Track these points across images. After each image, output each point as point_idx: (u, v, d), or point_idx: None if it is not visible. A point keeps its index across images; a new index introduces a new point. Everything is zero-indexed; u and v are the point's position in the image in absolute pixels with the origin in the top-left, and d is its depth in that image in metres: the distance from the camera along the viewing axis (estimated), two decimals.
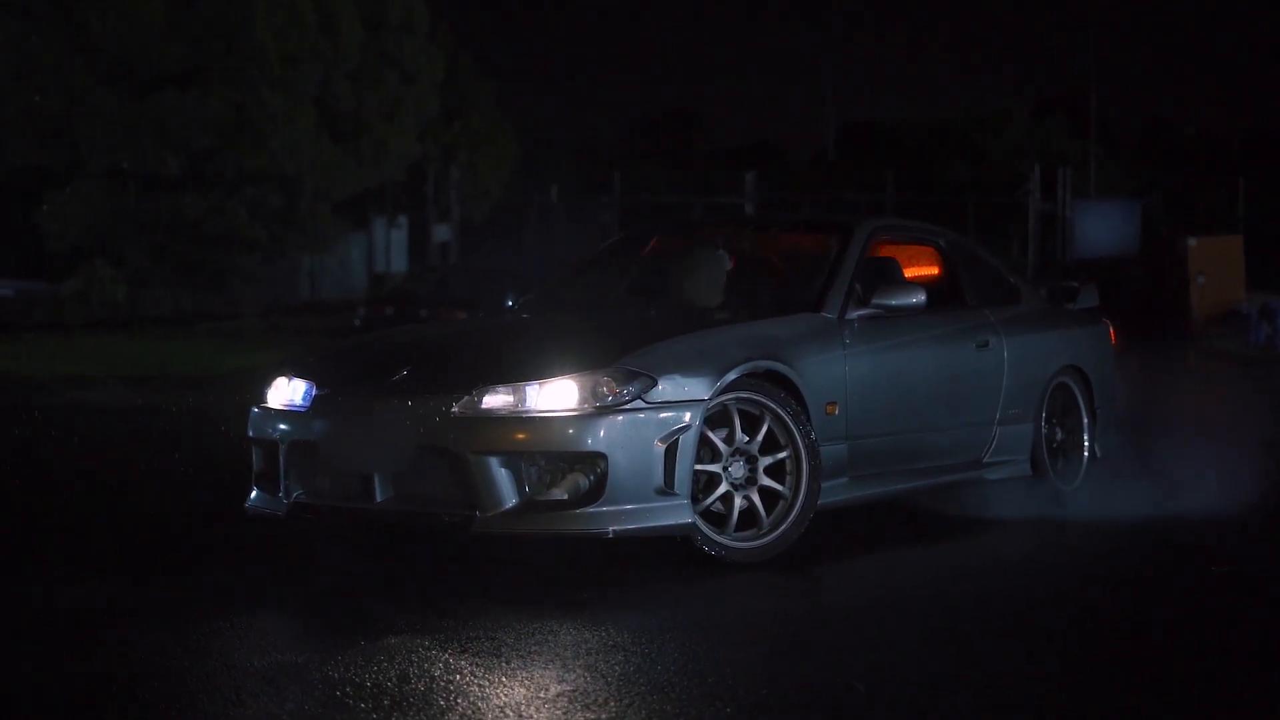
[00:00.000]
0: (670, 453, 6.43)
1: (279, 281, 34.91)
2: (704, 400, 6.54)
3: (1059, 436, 8.85)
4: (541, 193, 32.50)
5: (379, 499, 6.60)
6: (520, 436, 6.36)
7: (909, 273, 8.64)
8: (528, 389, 6.41)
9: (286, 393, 7.06)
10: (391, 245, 38.27)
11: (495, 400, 6.43)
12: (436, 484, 6.48)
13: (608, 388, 6.39)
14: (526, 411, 6.38)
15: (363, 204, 36.44)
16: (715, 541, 6.64)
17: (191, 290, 33.62)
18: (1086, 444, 9.02)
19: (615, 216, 32.21)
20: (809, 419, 6.97)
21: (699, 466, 6.62)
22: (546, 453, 6.35)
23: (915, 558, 7.54)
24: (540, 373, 6.45)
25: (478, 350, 7.01)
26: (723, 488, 6.69)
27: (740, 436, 6.77)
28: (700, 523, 6.59)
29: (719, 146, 39.95)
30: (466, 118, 37.14)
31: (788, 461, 6.87)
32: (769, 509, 6.83)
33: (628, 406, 6.38)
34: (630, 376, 6.43)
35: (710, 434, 6.66)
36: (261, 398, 7.18)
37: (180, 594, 6.34)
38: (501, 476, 6.35)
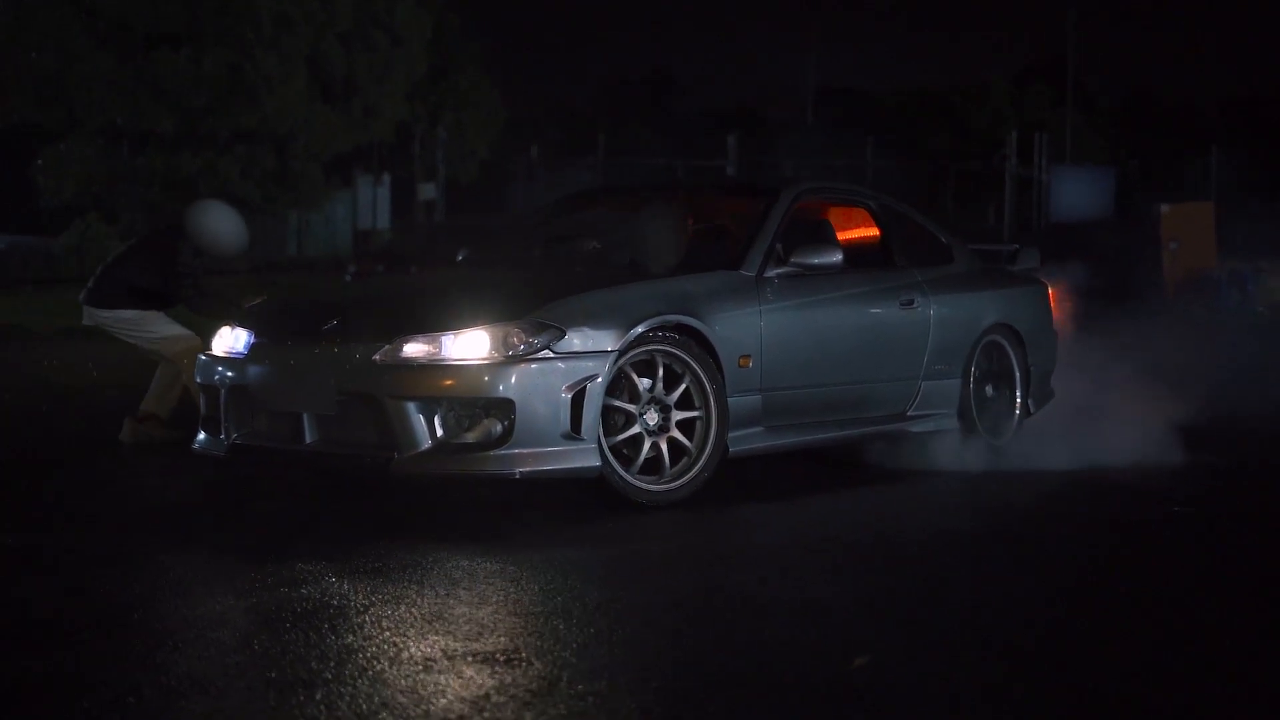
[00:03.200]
0: (577, 400, 6.59)
1: (267, 238, 34.96)
2: (611, 351, 6.69)
3: (989, 392, 8.96)
4: (524, 153, 32.62)
5: (308, 440, 6.81)
6: (436, 383, 6.53)
7: (852, 234, 8.79)
8: (444, 339, 6.58)
9: (229, 340, 7.30)
10: (377, 202, 38.40)
11: (414, 349, 6.59)
12: (359, 427, 6.67)
13: (518, 338, 6.55)
14: (442, 360, 6.55)
15: (348, 162, 36.54)
16: (627, 482, 6.81)
17: None
18: (1019, 400, 9.13)
19: (598, 178, 32.26)
20: (720, 371, 7.11)
21: (619, 403, 6.81)
22: (460, 398, 6.51)
23: (847, 502, 7.71)
24: (456, 324, 6.62)
25: (403, 303, 7.15)
26: (634, 428, 6.85)
27: (653, 386, 6.92)
28: (615, 465, 6.76)
29: (696, 108, 39.90)
30: (453, 79, 37.22)
31: (697, 408, 7.02)
32: (679, 455, 7.01)
33: (536, 356, 6.52)
34: (539, 328, 6.58)
35: (635, 378, 6.84)
36: (208, 346, 7.35)
37: (123, 536, 6.45)
38: (418, 421, 6.52)
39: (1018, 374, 9.12)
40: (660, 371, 6.94)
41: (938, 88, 38.56)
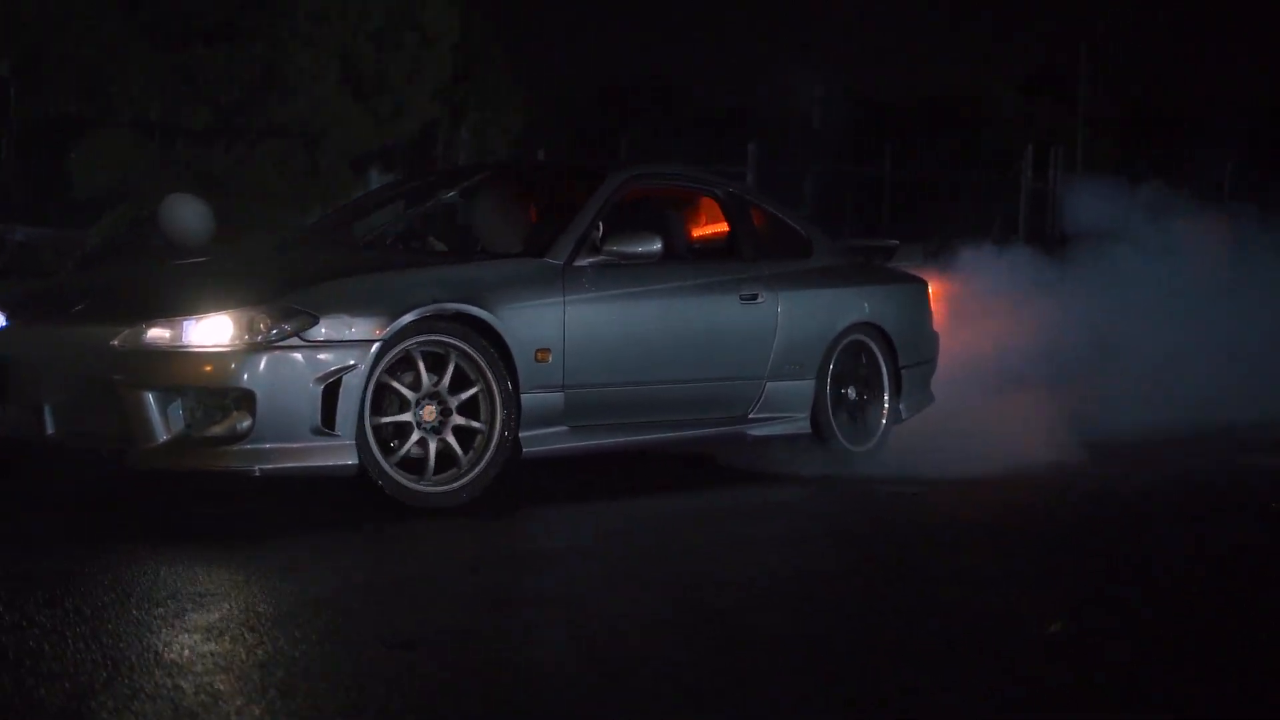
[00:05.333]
0: (330, 392, 5.89)
1: (288, 229, 34.63)
2: (372, 341, 5.99)
3: (851, 396, 8.22)
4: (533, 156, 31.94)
5: (49, 430, 6.10)
6: (174, 371, 5.88)
7: (713, 228, 8.11)
8: (185, 324, 5.91)
9: None
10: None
11: (155, 335, 5.93)
12: (98, 416, 5.99)
13: (264, 324, 5.85)
14: (184, 347, 5.88)
15: (364, 159, 36.02)
16: (396, 483, 6.11)
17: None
18: (887, 405, 8.37)
19: None
20: (510, 365, 6.41)
21: (389, 418, 6.09)
22: (198, 388, 5.84)
23: (654, 505, 7.05)
24: (200, 308, 5.94)
25: (159, 286, 6.47)
26: (415, 435, 6.16)
27: (429, 380, 6.22)
28: (384, 463, 6.06)
29: (694, 113, 38.89)
30: (477, 80, 36.60)
31: (481, 405, 6.32)
32: (460, 456, 6.30)
33: (282, 344, 5.83)
34: (289, 314, 5.89)
35: (396, 381, 6.14)
36: None
37: None
38: (154, 411, 5.84)
39: (885, 377, 8.36)
40: (422, 365, 6.23)
41: (943, 95, 37.55)
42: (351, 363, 5.92)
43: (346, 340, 5.94)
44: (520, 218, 7.68)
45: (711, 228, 8.14)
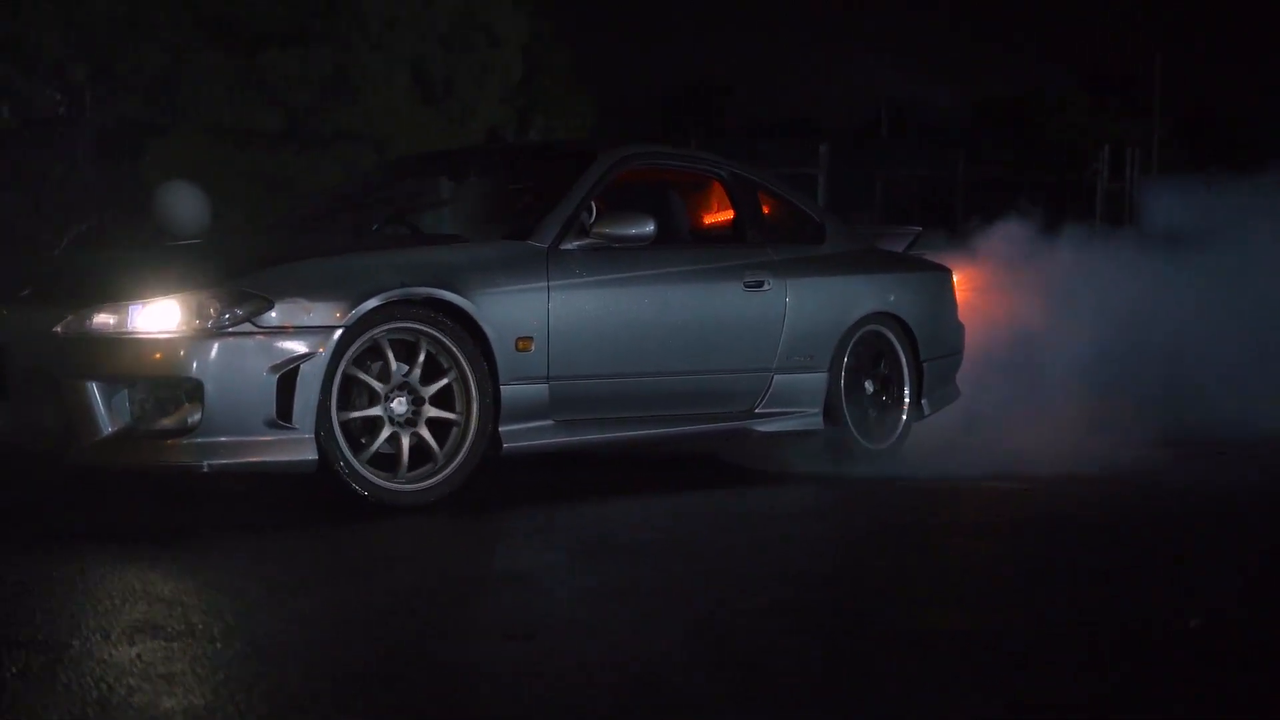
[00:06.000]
0: (286, 382, 5.46)
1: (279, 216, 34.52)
2: (332, 327, 5.56)
3: (869, 389, 7.72)
4: None
5: None
6: (118, 360, 5.46)
7: (724, 214, 7.65)
8: (131, 309, 5.49)
9: None
10: None
11: (99, 321, 5.52)
12: (40, 408, 5.57)
13: (214, 309, 5.42)
14: (128, 333, 5.46)
15: None
16: (363, 479, 5.68)
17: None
18: (908, 399, 7.87)
19: None
20: (488, 354, 5.97)
21: (359, 413, 5.69)
22: (144, 378, 5.43)
23: (647, 504, 6.55)
24: (146, 292, 5.51)
25: (109, 270, 6.02)
26: (375, 409, 5.73)
27: (399, 370, 5.78)
28: (350, 457, 5.65)
29: (751, 119, 38.25)
30: (543, 82, 36.27)
31: (455, 395, 5.88)
32: (436, 450, 5.88)
33: (234, 330, 5.40)
34: (241, 298, 5.46)
35: (386, 360, 5.77)
36: None
37: None
38: (98, 403, 5.42)
39: (905, 370, 7.86)
40: (389, 353, 5.80)
41: (1011, 99, 36.79)
42: (307, 350, 5.49)
43: (304, 326, 5.52)
44: (509, 201, 7.26)
45: (721, 214, 7.68)
